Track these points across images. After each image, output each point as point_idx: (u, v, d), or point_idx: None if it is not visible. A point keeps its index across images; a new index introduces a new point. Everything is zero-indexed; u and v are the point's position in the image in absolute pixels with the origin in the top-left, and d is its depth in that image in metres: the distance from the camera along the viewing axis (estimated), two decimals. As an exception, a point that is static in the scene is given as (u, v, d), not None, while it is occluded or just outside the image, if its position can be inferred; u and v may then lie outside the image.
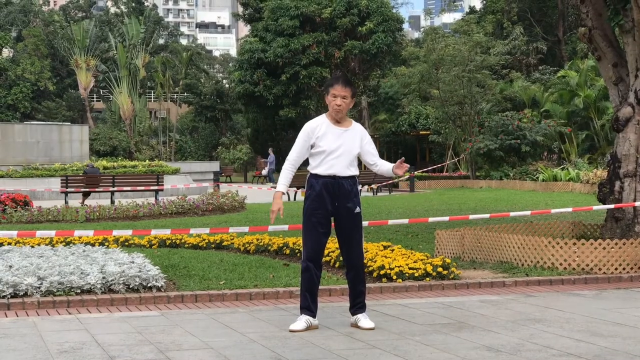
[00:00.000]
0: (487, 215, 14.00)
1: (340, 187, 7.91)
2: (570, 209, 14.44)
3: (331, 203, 7.88)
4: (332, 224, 8.00)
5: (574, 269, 11.44)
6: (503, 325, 8.00)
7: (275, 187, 8.24)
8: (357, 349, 6.99)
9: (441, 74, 43.92)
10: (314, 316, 7.85)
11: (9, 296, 9.34)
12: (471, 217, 13.73)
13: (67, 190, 28.29)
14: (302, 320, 7.76)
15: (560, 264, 11.53)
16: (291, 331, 7.65)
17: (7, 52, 76.09)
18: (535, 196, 30.39)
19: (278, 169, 53.27)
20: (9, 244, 13.25)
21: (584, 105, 45.04)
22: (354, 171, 7.98)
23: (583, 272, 11.35)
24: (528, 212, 13.42)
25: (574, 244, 11.67)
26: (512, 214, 13.83)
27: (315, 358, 6.66)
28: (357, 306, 7.97)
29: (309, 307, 7.83)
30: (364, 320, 7.88)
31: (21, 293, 9.42)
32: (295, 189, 29.80)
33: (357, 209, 7.92)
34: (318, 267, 7.93)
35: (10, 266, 10.28)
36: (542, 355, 6.68)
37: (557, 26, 61.80)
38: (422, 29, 72.71)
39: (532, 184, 36.08)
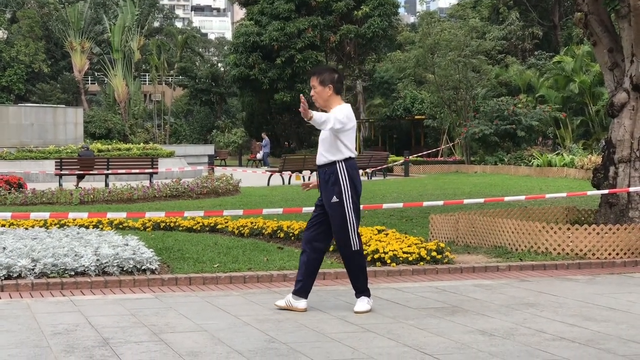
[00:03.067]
0: (481, 200, 14.01)
1: (319, 176, 8.07)
2: (564, 194, 14.43)
3: (321, 192, 8.05)
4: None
5: (567, 254, 11.46)
6: (497, 309, 8.01)
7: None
8: (351, 332, 7.00)
9: (437, 58, 43.87)
10: None
11: (2, 278, 9.33)
12: (465, 201, 13.73)
13: (62, 172, 28.25)
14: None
15: (554, 249, 11.55)
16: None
17: (1, 34, 75.81)
18: (530, 181, 30.42)
19: (272, 152, 53.37)
20: (3, 225, 13.24)
21: (579, 90, 45.01)
22: (330, 157, 7.92)
23: (577, 257, 11.37)
24: (522, 197, 13.42)
25: (568, 229, 11.68)
26: (506, 198, 13.85)
27: (308, 341, 6.66)
28: (355, 290, 8.01)
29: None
30: (358, 303, 7.92)
31: (15, 275, 9.41)
32: (290, 172, 29.80)
33: (334, 199, 7.89)
34: (311, 250, 8.01)
35: (4, 248, 10.28)
36: (535, 340, 6.69)
37: (553, 11, 61.75)
38: (417, 14, 72.67)
39: (527, 170, 36.10)
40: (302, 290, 7.96)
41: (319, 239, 8.06)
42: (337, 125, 7.79)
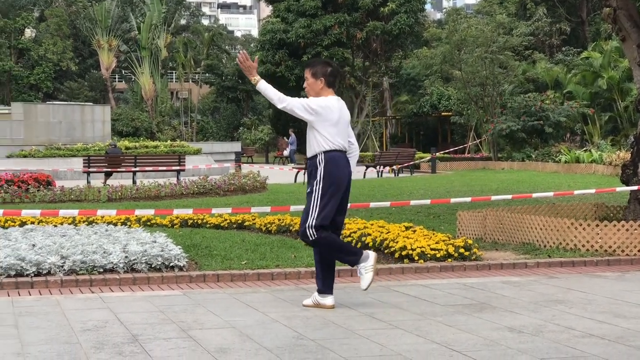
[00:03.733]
0: (509, 197, 13.95)
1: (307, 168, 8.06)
2: (593, 191, 14.37)
3: None
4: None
5: (596, 250, 11.41)
6: (525, 306, 7.98)
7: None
8: (379, 329, 6.99)
9: (463, 55, 43.74)
10: None
11: (32, 275, 9.39)
12: (493, 198, 13.67)
13: (90, 170, 28.40)
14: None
15: (583, 246, 11.50)
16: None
17: (29, 33, 76.32)
18: (558, 178, 30.27)
19: (299, 149, 53.43)
20: (32, 223, 13.32)
21: (607, 86, 44.75)
22: (311, 149, 7.90)
23: (606, 254, 11.31)
24: (551, 194, 13.38)
25: (597, 225, 11.62)
26: (534, 195, 13.79)
27: (336, 338, 6.67)
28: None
29: None
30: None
31: (44, 272, 9.47)
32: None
33: (308, 189, 7.90)
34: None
35: (34, 245, 10.35)
36: (564, 337, 6.66)
37: (581, 7, 61.36)
38: (444, 10, 72.44)
39: (555, 166, 35.92)
40: (325, 287, 7.95)
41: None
42: (288, 105, 7.90)
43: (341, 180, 7.83)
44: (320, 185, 7.76)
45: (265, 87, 7.95)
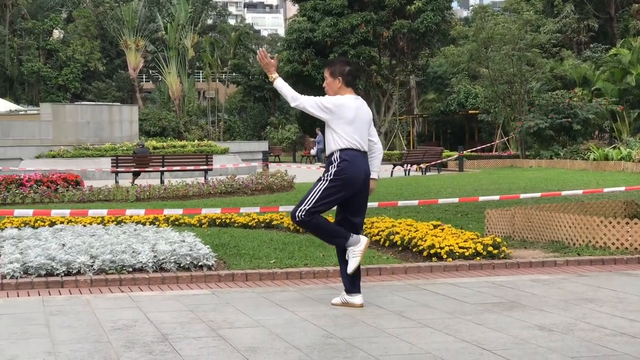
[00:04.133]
0: (538, 195, 13.91)
1: None
2: (622, 188, 14.27)
3: None
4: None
5: (626, 248, 11.34)
6: (555, 304, 7.94)
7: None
8: (408, 327, 6.98)
9: (490, 52, 43.57)
10: None
11: (62, 274, 9.45)
12: (522, 196, 13.63)
13: (118, 170, 28.53)
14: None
15: (613, 244, 11.43)
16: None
17: (57, 34, 76.76)
18: (586, 175, 30.10)
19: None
20: (62, 222, 13.39)
21: (636, 83, 44.44)
22: (329, 148, 7.92)
23: (636, 252, 11.24)
24: (580, 191, 13.32)
25: (627, 223, 11.55)
26: (563, 193, 13.74)
27: (365, 336, 6.66)
28: None
29: None
30: None
31: (74, 271, 9.52)
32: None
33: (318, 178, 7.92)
34: (340, 249, 8.09)
35: (64, 245, 10.41)
36: (595, 335, 6.62)
37: (609, 3, 60.94)
38: (471, 8, 72.23)
39: (583, 163, 35.71)
40: (352, 286, 7.94)
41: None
42: (300, 104, 7.91)
43: (353, 181, 7.75)
44: (328, 179, 7.75)
45: (281, 85, 7.98)
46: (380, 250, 11.50)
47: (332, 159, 7.81)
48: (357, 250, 7.75)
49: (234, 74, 73.83)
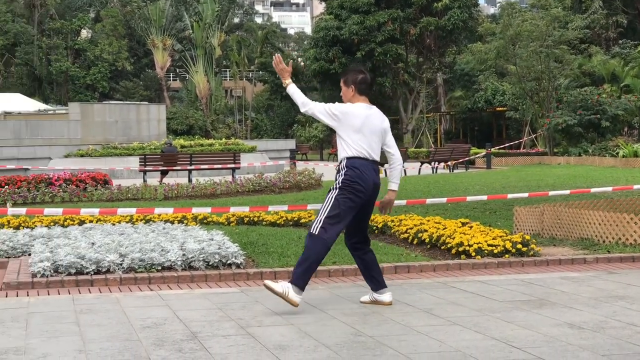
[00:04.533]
0: (567, 192, 13.85)
1: None
2: (652, 185, 14.17)
3: None
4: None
5: (657, 245, 11.26)
6: (585, 302, 7.90)
7: None
8: (437, 325, 6.96)
9: (518, 49, 43.40)
10: None
11: (92, 272, 9.50)
12: (551, 193, 13.56)
13: (146, 168, 28.64)
14: None
15: (643, 241, 11.35)
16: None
17: (85, 33, 77.23)
18: (616, 172, 29.92)
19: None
20: (91, 221, 13.47)
21: (665, 79, 44.18)
22: (339, 156, 7.83)
23: (666, 249, 11.16)
24: (609, 188, 13.23)
25: (657, 220, 11.47)
26: (592, 190, 13.66)
27: (394, 334, 6.65)
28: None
29: None
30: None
31: (104, 270, 9.57)
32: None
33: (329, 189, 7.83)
34: (354, 254, 8.12)
35: (93, 243, 10.46)
36: (626, 333, 6.58)
37: (638, -1, 60.59)
38: (498, 4, 71.92)
39: (612, 160, 35.51)
40: (377, 284, 7.94)
41: (353, 240, 8.02)
42: (309, 110, 7.90)
43: (360, 189, 7.63)
44: (337, 187, 7.68)
45: (293, 91, 8.00)
46: (409, 248, 11.49)
47: (340, 167, 7.77)
48: (286, 288, 7.48)
49: (260, 72, 73.93)
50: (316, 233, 7.56)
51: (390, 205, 8.05)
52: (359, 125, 7.74)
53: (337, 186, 7.68)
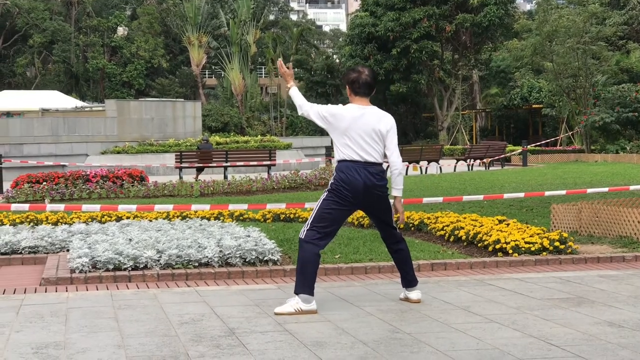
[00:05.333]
0: (605, 189, 13.72)
1: None
2: (691, 183, 14.03)
3: None
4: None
5: (696, 243, 11.15)
6: (625, 300, 7.83)
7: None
8: (475, 322, 6.93)
9: (555, 46, 43.14)
10: None
11: (129, 268, 9.55)
12: (588, 190, 13.47)
13: (182, 165, 28.75)
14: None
15: (683, 239, 11.25)
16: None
17: (122, 31, 77.57)
18: (653, 170, 29.69)
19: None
20: (128, 218, 13.54)
21: None
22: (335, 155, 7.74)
23: None
24: (648, 186, 13.11)
25: (697, 218, 11.36)
26: (631, 187, 13.54)
27: (432, 331, 6.63)
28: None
29: None
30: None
31: (141, 266, 9.62)
32: (407, 163, 29.69)
33: None
34: (389, 249, 8.14)
35: (130, 239, 10.51)
36: (666, 332, 6.52)
37: (676, -5, 59.94)
38: (534, 1, 71.55)
39: (650, 158, 35.24)
40: (405, 282, 7.93)
41: (382, 237, 8.02)
42: (305, 112, 7.85)
43: (348, 193, 7.51)
44: (323, 197, 7.66)
45: (294, 94, 8.04)
46: (445, 245, 11.45)
47: (333, 170, 7.75)
48: (300, 304, 7.40)
49: (296, 69, 73.94)
50: (302, 237, 7.59)
51: (398, 212, 7.87)
52: (344, 128, 7.54)
53: (327, 189, 7.68)
